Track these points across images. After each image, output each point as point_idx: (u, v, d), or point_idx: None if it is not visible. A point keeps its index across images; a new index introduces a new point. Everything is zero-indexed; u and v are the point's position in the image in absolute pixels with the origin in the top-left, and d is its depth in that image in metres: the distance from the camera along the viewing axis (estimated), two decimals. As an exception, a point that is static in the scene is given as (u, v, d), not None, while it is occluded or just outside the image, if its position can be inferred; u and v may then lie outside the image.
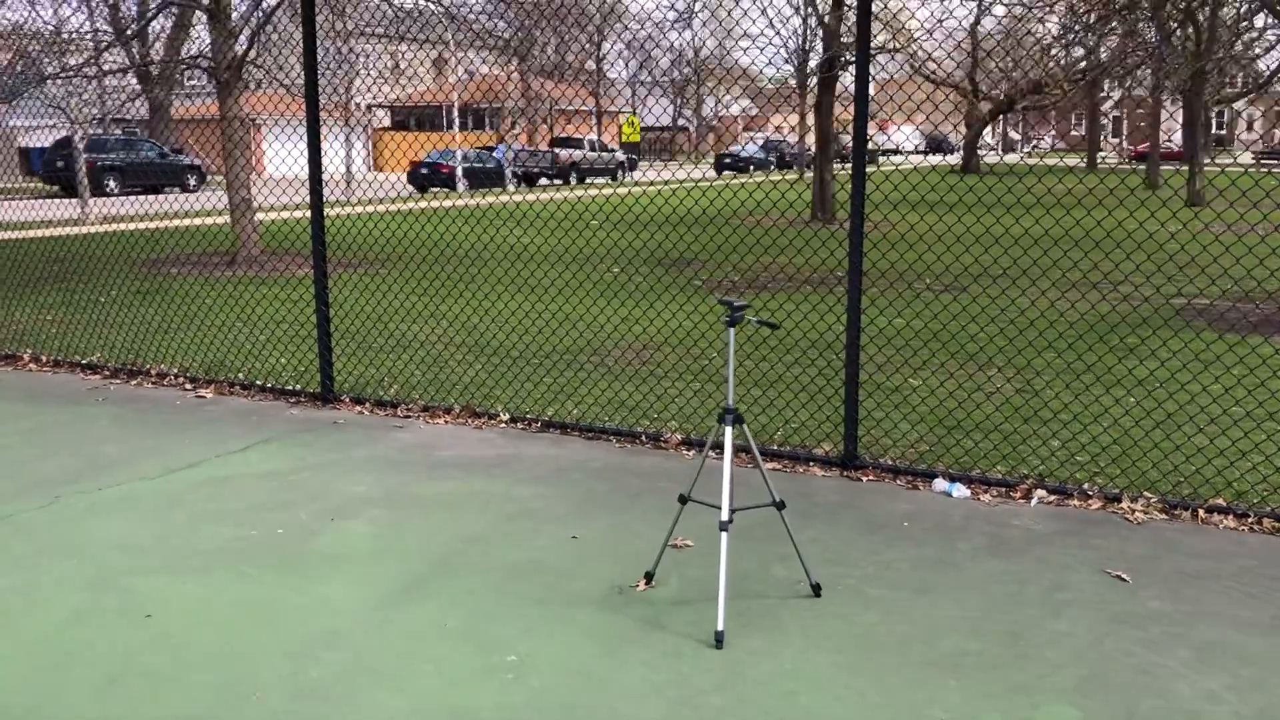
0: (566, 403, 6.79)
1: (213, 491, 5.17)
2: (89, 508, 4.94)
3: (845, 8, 19.78)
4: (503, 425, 6.38)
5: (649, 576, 4.13)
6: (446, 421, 6.47)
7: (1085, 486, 5.14)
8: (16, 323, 9.69)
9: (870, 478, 5.38)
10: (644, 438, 6.02)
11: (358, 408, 6.79)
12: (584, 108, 52.61)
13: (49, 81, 21.65)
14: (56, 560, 4.33)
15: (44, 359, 8.15)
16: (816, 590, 4.01)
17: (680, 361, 8.01)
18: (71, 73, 19.84)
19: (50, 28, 20.32)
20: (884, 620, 3.81)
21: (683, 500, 4.01)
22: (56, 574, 4.20)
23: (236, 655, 3.54)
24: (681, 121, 53.76)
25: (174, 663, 3.49)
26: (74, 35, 20.58)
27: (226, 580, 4.14)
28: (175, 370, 7.69)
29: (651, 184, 16.46)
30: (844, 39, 20.33)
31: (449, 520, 4.78)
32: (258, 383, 7.30)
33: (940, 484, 5.21)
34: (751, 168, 43.71)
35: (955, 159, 38.59)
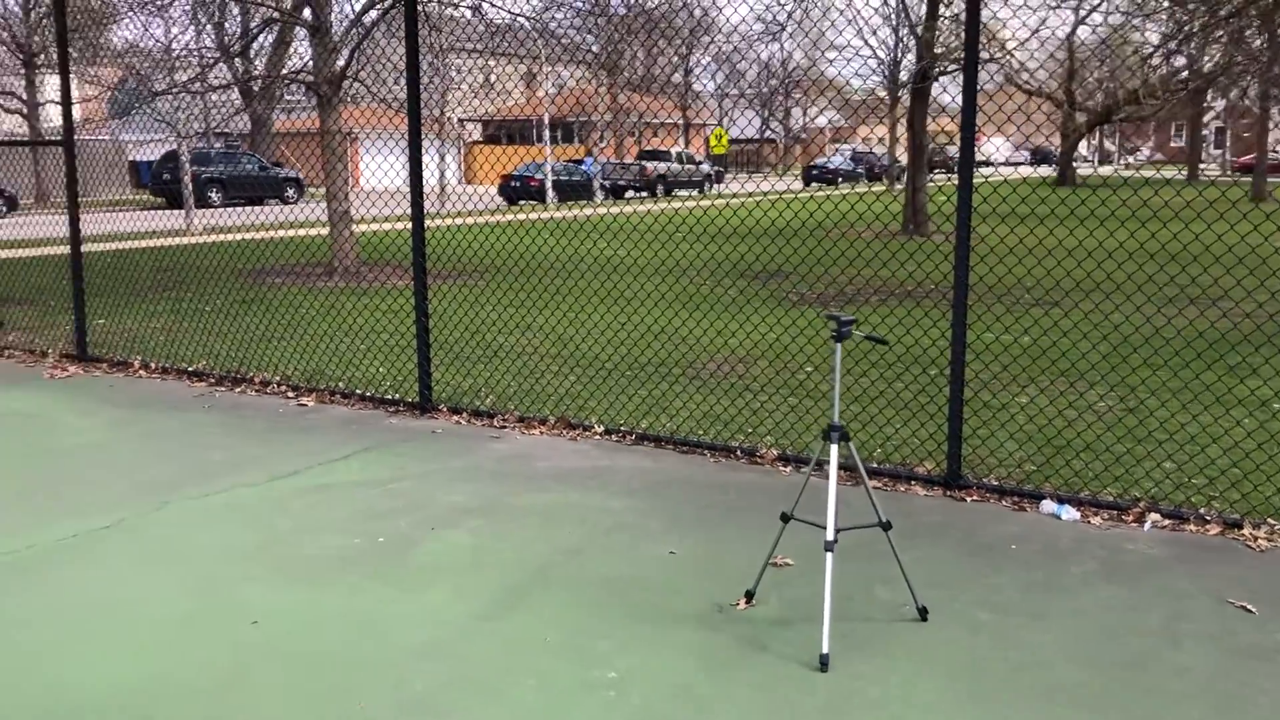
0: (660, 416, 6.77)
1: (315, 499, 5.25)
2: (196, 513, 5.06)
3: (940, 18, 19.50)
4: (597, 437, 6.37)
5: (749, 595, 4.06)
6: (541, 432, 6.49)
7: (1203, 511, 4.94)
8: (127, 330, 10.01)
9: (974, 498, 5.24)
10: (739, 453, 5.96)
11: (455, 417, 6.85)
12: (671, 120, 52.74)
13: (158, 97, 22.43)
14: (165, 565, 4.43)
15: (152, 366, 8.39)
16: (923, 614, 3.91)
17: (775, 375, 7.93)
18: (179, 89, 20.51)
19: (160, 46, 21.03)
20: (994, 646, 3.69)
21: (785, 519, 3.95)
22: (165, 579, 4.29)
23: (341, 664, 3.57)
24: (769, 134, 53.55)
25: (280, 671, 3.53)
26: (182, 53, 21.28)
27: (330, 588, 4.19)
28: (278, 378, 7.85)
29: (737, 196, 16.40)
30: (938, 50, 20.03)
31: (546, 532, 4.78)
32: (357, 391, 7.42)
33: (1048, 506, 5.05)
34: (840, 180, 43.33)
35: (1050, 171, 37.78)
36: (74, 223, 8.64)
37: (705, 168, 41.94)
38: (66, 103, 8.65)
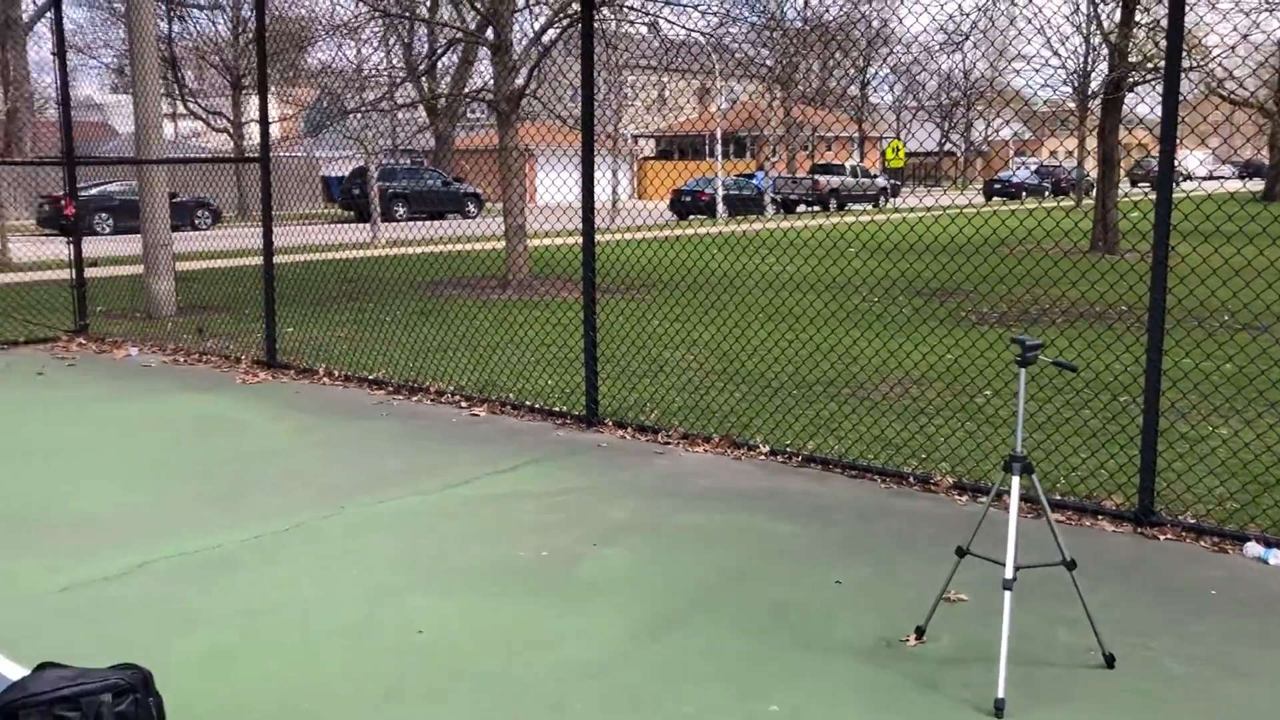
0: (828, 437, 6.59)
1: (484, 510, 5.33)
2: (371, 519, 5.20)
3: (1135, 25, 18.53)
4: (762, 457, 6.25)
5: (920, 631, 3.88)
6: (705, 450, 6.42)
7: None
8: (313, 339, 10.48)
9: (1168, 536, 4.88)
10: (912, 479, 5.74)
11: (620, 432, 6.85)
12: (845, 134, 51.99)
13: (349, 115, 23.55)
14: (339, 570, 4.56)
15: (336, 373, 8.74)
16: (1110, 661, 3.64)
17: (951, 399, 7.63)
18: (368, 107, 21.46)
19: (352, 66, 22.09)
20: (1189, 702, 3.40)
21: (960, 553, 3.75)
22: (338, 584, 4.41)
23: (500, 679, 3.58)
24: (948, 146, 52.13)
25: (443, 682, 3.57)
26: (372, 73, 22.30)
27: (494, 600, 4.22)
28: (452, 388, 8.05)
29: (913, 210, 15.97)
30: (1133, 58, 19.04)
31: (708, 553, 4.70)
32: (526, 403, 7.52)
33: (1254, 549, 4.65)
34: (1024, 194, 41.77)
35: (1257, 185, 35.38)
36: (267, 235, 9.09)
37: (880, 181, 41.15)
38: (264, 122, 9.13)
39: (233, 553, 4.74)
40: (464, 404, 7.69)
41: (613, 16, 15.86)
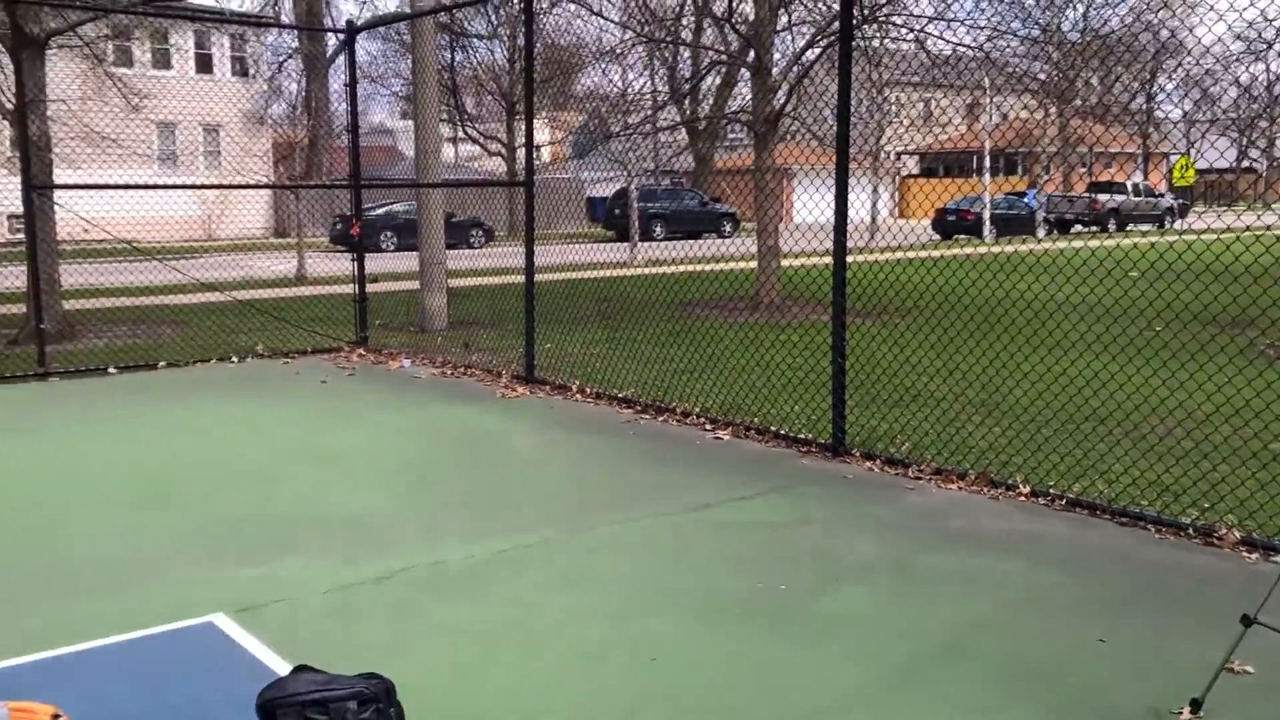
0: (1096, 480, 6.11)
1: (724, 536, 5.27)
2: (613, 539, 5.25)
3: None
4: (1021, 498, 5.87)
5: (1196, 704, 3.49)
6: (959, 488, 6.10)
7: None
8: (568, 355, 10.81)
9: None
10: (1192, 530, 5.22)
11: (867, 463, 6.63)
12: (1126, 150, 48.73)
13: (613, 138, 24.28)
14: (581, 588, 4.62)
15: (587, 390, 8.96)
16: None
17: (1241, 444, 6.91)
18: (632, 130, 22.04)
19: (617, 90, 22.76)
20: None
21: (1247, 622, 3.35)
22: (579, 602, 4.47)
23: (734, 713, 3.50)
24: (1246, 163, 47.86)
25: (677, 716, 3.52)
26: (636, 96, 22.89)
27: (730, 630, 4.15)
28: (697, 410, 8.06)
29: (1205, 231, 14.62)
30: None
31: (957, 599, 4.44)
32: (771, 429, 7.42)
33: None
34: (1336, 215, 37.72)
35: None
36: (529, 255, 9.46)
37: (1165, 201, 38.28)
38: (529, 147, 9.52)
39: (482, 565, 4.90)
40: (708, 426, 7.68)
41: (876, 34, 15.55)
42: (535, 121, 9.53)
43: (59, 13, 12.40)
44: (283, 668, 3.76)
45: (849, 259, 6.88)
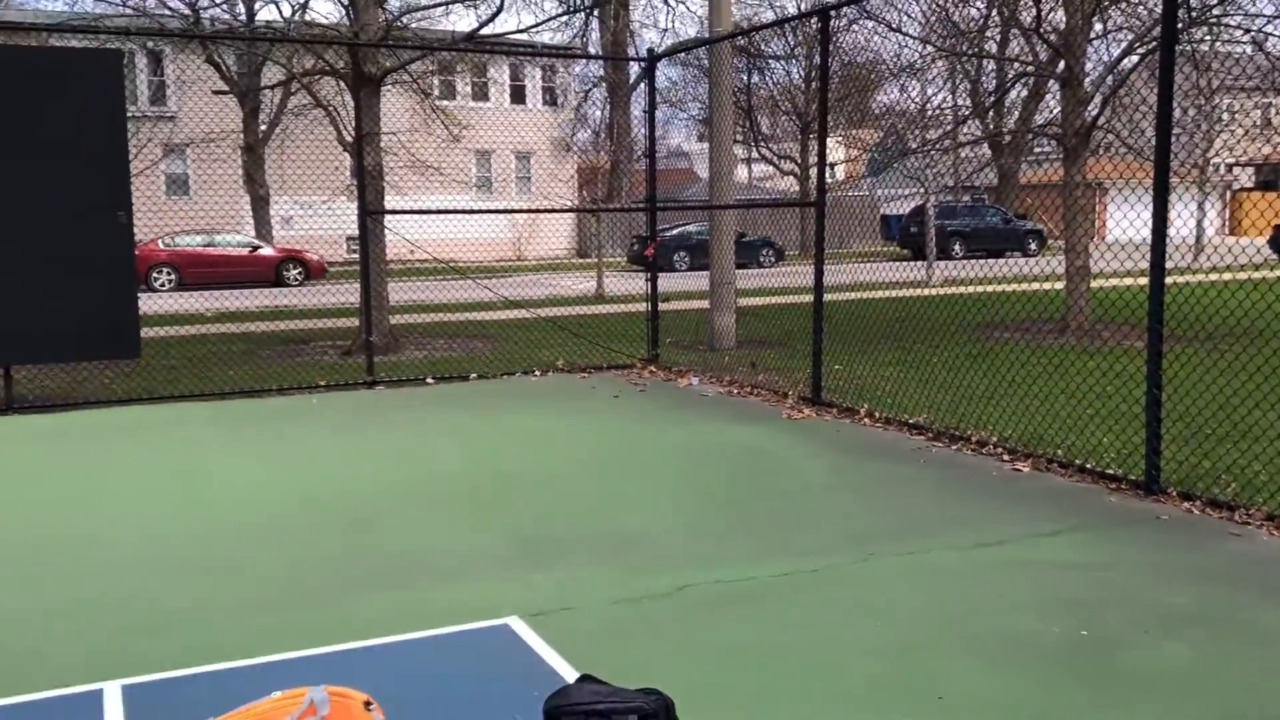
0: None
1: (1018, 574, 4.98)
2: (898, 569, 5.09)
3: None
4: (1375, 553, 5.18)
5: None
6: (1297, 537, 5.46)
7: None
8: (857, 378, 10.61)
9: None
10: None
11: (1185, 504, 6.07)
12: None
13: (910, 155, 23.71)
14: (863, 618, 4.50)
15: (876, 415, 8.75)
16: None
17: None
18: (930, 146, 21.43)
19: (916, 106, 22.20)
20: None
21: None
22: (860, 632, 4.35)
23: (1022, 768, 3.28)
24: None
25: (958, 758, 3.35)
26: (936, 111, 22.23)
27: (1021, 676, 3.91)
28: (994, 439, 7.68)
29: None
30: None
31: (1292, 664, 3.96)
32: (1076, 462, 6.95)
33: None
34: None
35: None
36: (818, 275, 9.38)
37: None
38: (822, 166, 9.46)
39: (763, 587, 4.88)
40: (1006, 457, 7.30)
41: (1205, 38, 14.31)
42: (830, 139, 9.45)
43: (393, 52, 13.62)
44: (568, 673, 3.91)
45: (1169, 279, 6.34)
